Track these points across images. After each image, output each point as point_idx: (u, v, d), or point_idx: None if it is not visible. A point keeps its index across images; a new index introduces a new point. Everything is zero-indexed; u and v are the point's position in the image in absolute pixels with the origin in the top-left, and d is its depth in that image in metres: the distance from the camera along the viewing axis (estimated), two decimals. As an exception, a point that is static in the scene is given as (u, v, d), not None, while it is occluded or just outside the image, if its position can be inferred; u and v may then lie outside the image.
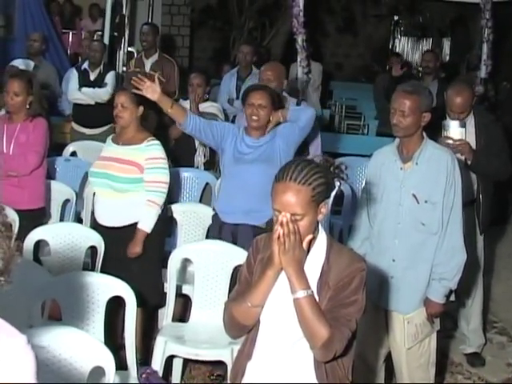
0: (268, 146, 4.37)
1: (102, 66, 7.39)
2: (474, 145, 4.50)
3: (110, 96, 7.17)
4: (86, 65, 7.44)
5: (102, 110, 7.17)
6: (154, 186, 4.32)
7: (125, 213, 4.32)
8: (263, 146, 4.37)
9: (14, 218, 4.08)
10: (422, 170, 3.59)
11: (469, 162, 4.45)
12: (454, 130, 4.38)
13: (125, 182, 4.30)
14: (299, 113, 4.47)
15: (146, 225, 4.33)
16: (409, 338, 3.66)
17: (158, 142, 4.41)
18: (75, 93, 7.26)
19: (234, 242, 4.25)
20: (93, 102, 7.24)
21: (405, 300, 3.65)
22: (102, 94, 7.20)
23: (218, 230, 4.43)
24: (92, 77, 7.34)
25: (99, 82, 7.27)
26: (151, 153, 4.34)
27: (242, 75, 7.71)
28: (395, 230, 3.63)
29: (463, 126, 4.40)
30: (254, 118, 4.34)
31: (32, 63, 7.59)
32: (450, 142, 4.31)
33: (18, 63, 7.06)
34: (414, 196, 3.58)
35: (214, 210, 4.56)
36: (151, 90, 4.23)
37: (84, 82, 7.27)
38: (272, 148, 4.36)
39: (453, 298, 3.85)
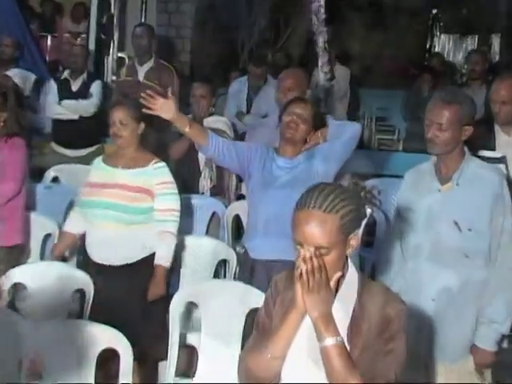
0: (304, 168, 4.34)
1: (85, 75, 7.41)
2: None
3: (97, 109, 7.23)
4: (66, 74, 7.45)
5: (86, 126, 7.21)
6: (167, 215, 4.39)
7: (129, 248, 4.34)
8: (298, 168, 4.35)
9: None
10: (464, 192, 3.59)
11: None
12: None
13: (135, 212, 4.33)
14: (341, 127, 4.44)
15: (166, 259, 4.39)
16: (452, 393, 3.66)
17: (164, 163, 4.47)
18: (54, 107, 7.28)
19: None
20: (76, 116, 7.25)
21: (447, 347, 3.65)
22: (86, 107, 7.24)
23: (249, 271, 4.41)
24: (74, 87, 7.35)
25: (83, 94, 7.28)
26: (161, 177, 4.40)
27: (254, 85, 7.72)
28: (433, 263, 3.64)
29: None
30: (292, 125, 4.32)
31: (33, 76, 7.62)
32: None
33: (14, 73, 7.09)
34: (456, 223, 3.58)
35: (243, 247, 4.53)
36: (166, 108, 4.18)
37: (65, 93, 7.28)
38: (309, 170, 4.32)
39: (505, 344, 3.84)
